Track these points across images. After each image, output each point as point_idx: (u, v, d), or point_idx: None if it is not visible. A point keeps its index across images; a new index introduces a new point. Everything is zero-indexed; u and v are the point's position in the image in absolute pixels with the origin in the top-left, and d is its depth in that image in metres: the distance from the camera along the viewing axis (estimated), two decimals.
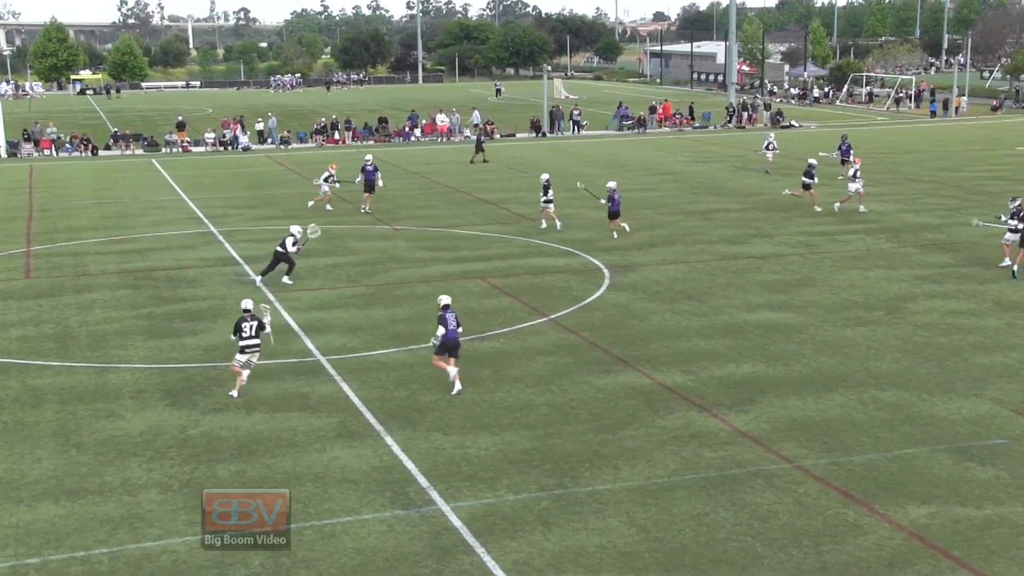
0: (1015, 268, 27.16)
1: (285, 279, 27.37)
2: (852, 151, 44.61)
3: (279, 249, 27.31)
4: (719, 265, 29.16)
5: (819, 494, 14.77)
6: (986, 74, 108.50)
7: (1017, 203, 27.85)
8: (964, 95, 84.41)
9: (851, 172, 36.54)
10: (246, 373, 19.13)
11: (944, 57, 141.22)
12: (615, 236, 32.51)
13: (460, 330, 19.25)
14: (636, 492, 14.93)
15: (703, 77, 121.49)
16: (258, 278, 27.57)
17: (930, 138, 64.05)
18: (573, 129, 70.59)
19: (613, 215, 32.69)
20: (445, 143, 65.84)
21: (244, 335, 19.02)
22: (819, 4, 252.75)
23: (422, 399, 18.79)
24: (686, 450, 16.36)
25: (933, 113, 79.16)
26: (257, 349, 19.20)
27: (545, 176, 35.10)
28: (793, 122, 73.09)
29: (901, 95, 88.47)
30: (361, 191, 38.50)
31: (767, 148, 47.51)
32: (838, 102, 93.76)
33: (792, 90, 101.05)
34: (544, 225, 34.32)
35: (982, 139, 62.59)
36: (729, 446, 16.52)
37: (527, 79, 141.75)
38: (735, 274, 28.05)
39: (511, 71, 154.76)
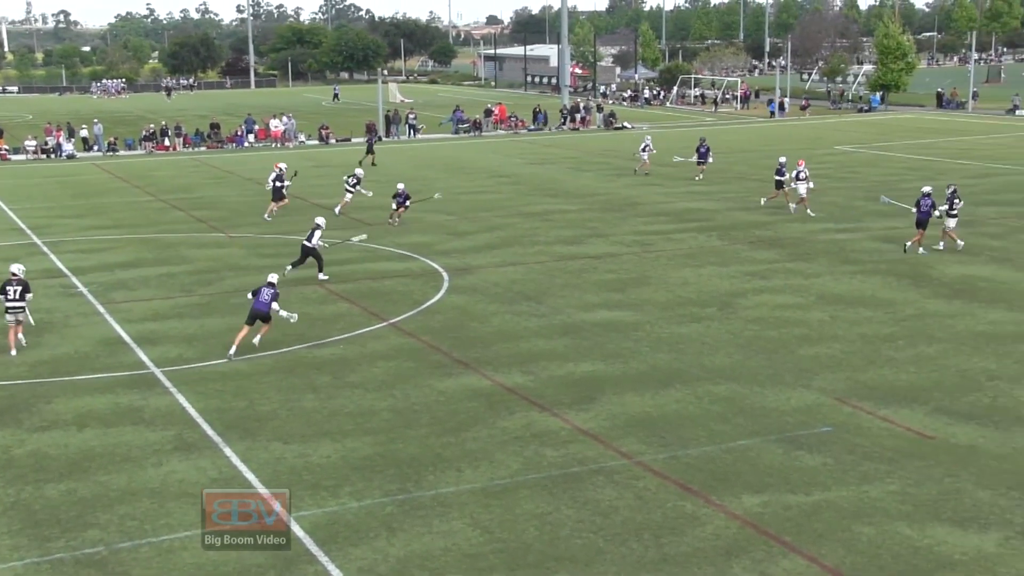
0: (908, 244, 30.01)
1: (321, 276, 27.72)
2: (711, 153, 45.82)
3: (305, 243, 27.67)
4: (557, 266, 29.53)
5: (658, 488, 15.10)
6: (805, 76, 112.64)
7: (952, 190, 30.53)
8: (787, 96, 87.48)
9: (795, 173, 36.83)
10: (19, 330, 21.71)
11: (767, 60, 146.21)
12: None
13: (275, 306, 21.33)
14: (479, 493, 15.00)
15: (537, 80, 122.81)
16: (287, 268, 27.68)
17: (757, 138, 66.13)
18: (409, 133, 70.51)
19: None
20: (280, 148, 64.91)
21: (8, 297, 21.47)
22: (648, 8, 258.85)
23: (261, 408, 18.48)
24: (528, 450, 16.51)
25: (772, 113, 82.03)
26: (22, 310, 21.62)
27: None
28: (626, 123, 74.58)
29: (729, 96, 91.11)
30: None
31: (643, 151, 48.15)
32: (668, 104, 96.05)
33: (624, 92, 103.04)
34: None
35: (805, 138, 64.92)
36: (570, 444, 16.73)
37: (362, 83, 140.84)
38: (573, 274, 28.44)
39: (345, 75, 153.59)
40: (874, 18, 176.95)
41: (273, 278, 21.94)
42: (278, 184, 37.41)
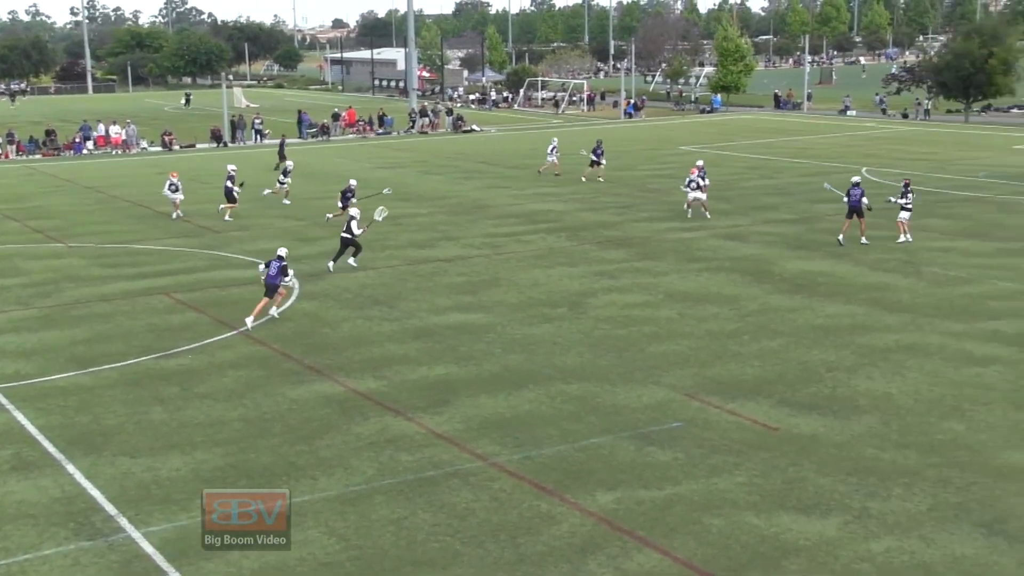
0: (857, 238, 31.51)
1: (351, 261, 29.05)
2: (604, 155, 46.14)
3: (345, 235, 28.79)
4: (408, 269, 29.46)
5: (513, 488, 15.20)
6: (649, 78, 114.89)
7: (905, 183, 32.23)
8: (631, 98, 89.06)
9: (688, 180, 36.71)
10: None
11: (611, 62, 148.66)
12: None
13: (286, 279, 23.96)
14: (335, 501, 14.86)
15: (385, 83, 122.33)
16: (330, 264, 29.05)
17: (606, 138, 67.02)
18: (256, 138, 69.38)
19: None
20: (122, 155, 63.12)
21: None
22: (494, 11, 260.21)
23: (106, 423, 17.95)
24: (383, 455, 16.43)
25: (630, 115, 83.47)
26: None
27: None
28: (474, 126, 74.84)
29: (576, 98, 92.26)
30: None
31: (551, 152, 48.19)
32: (516, 106, 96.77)
33: (472, 95, 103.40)
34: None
35: (651, 139, 66.21)
36: (425, 448, 16.72)
37: (206, 88, 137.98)
38: (424, 278, 28.42)
39: (188, 80, 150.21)
40: (713, 21, 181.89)
41: (282, 252, 24.38)
42: (229, 185, 37.77)
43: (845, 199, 31.62)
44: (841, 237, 31.54)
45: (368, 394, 19.29)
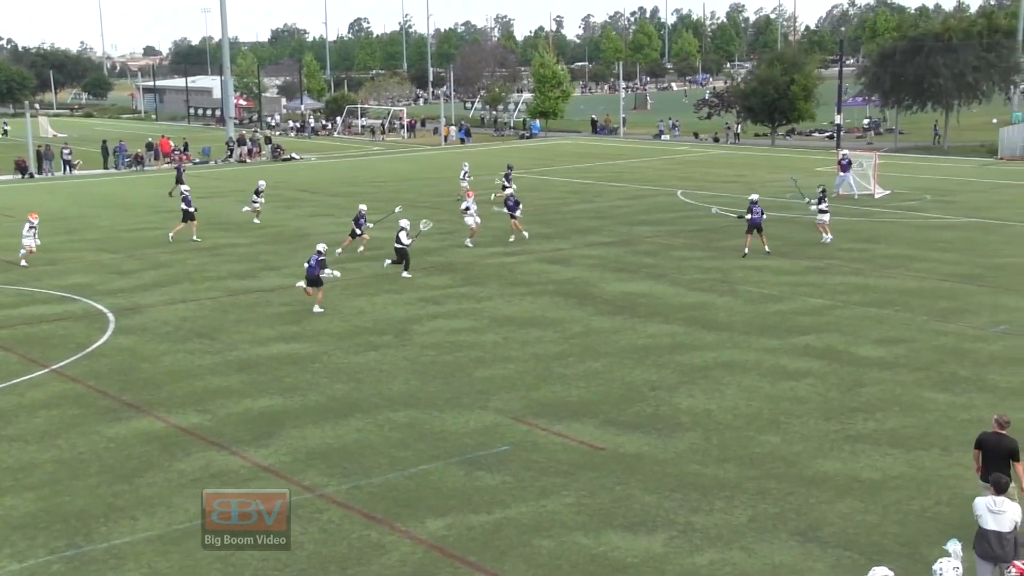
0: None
1: (405, 274, 30.77)
2: (511, 180, 46.72)
3: (397, 245, 30.88)
4: (230, 301, 28.86)
5: (342, 519, 15.01)
6: (469, 104, 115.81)
7: (821, 190, 37.16)
8: (452, 125, 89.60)
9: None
10: None
11: (431, 89, 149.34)
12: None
13: (326, 271, 27.09)
14: (157, 541, 14.38)
15: (200, 112, 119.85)
16: (400, 270, 30.93)
17: (426, 166, 67.34)
18: (65, 169, 66.94)
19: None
20: None
21: None
22: (311, 38, 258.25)
23: None
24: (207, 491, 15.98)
25: (462, 140, 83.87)
26: None
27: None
28: (294, 155, 74.00)
29: (396, 125, 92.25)
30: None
31: (463, 178, 48.22)
32: (336, 134, 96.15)
33: (290, 123, 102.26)
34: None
35: (473, 165, 66.46)
36: (251, 482, 16.35)
37: (8, 117, 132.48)
38: (246, 308, 27.89)
39: None
40: (530, 48, 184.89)
41: (321, 247, 27.66)
42: (184, 208, 38.26)
43: (748, 216, 33.45)
44: (747, 250, 33.44)
45: (190, 429, 18.78)
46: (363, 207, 36.14)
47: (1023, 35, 74.26)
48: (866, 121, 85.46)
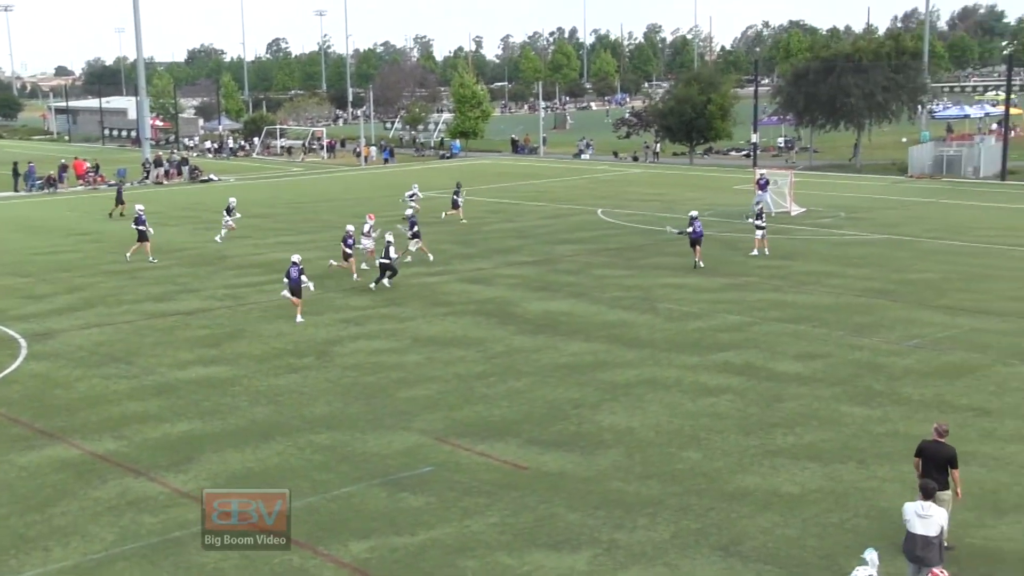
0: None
1: (386, 283, 31.95)
2: (461, 196, 47.83)
3: (383, 260, 32.02)
4: (147, 324, 28.41)
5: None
6: (389, 125, 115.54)
7: (759, 206, 39.70)
8: (372, 145, 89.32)
9: (365, 228, 36.23)
10: None
11: (351, 109, 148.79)
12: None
13: (303, 279, 28.11)
14: (71, 572, 14.07)
15: (116, 133, 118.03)
16: (372, 286, 31.99)
17: (346, 186, 67.00)
18: None
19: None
20: None
21: None
22: (228, 59, 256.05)
23: None
24: (124, 519, 15.70)
25: (386, 160, 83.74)
26: None
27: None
28: (212, 176, 73.18)
29: (315, 146, 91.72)
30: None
31: (411, 198, 47.95)
32: (255, 154, 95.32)
33: (208, 144, 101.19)
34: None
35: (391, 185, 66.18)
36: (170, 508, 16.09)
37: None
38: (164, 332, 27.48)
39: None
40: (450, 68, 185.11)
41: (296, 258, 28.76)
42: (137, 227, 38.48)
43: (690, 230, 34.76)
44: (697, 260, 34.83)
45: (106, 456, 18.42)
46: (350, 227, 34.90)
47: (928, 57, 76.13)
48: (781, 140, 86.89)
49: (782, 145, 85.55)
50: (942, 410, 20.01)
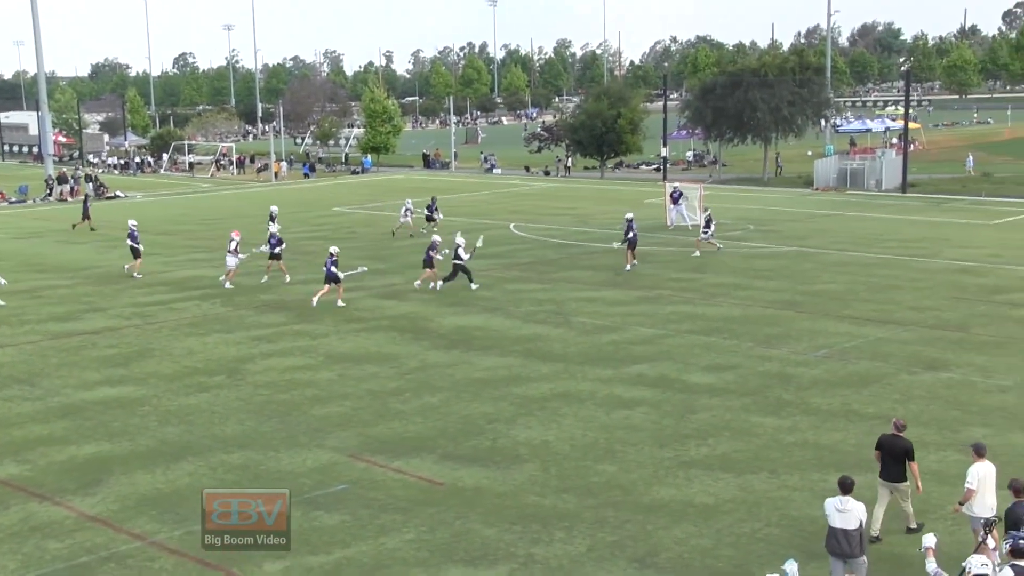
0: (634, 264, 37.40)
1: (440, 285, 33.54)
2: (438, 210, 48.93)
3: (456, 261, 33.24)
4: (50, 344, 27.78)
5: (176, 567, 14.55)
6: (299, 140, 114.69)
7: (708, 212, 42.30)
8: (283, 160, 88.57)
9: (231, 245, 35.65)
10: None
11: (260, 124, 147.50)
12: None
13: (334, 270, 30.76)
14: None
15: (16, 149, 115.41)
16: (439, 284, 33.56)
17: (257, 202, 66.21)
18: None
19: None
20: None
21: None
22: (134, 73, 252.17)
23: None
24: (27, 546, 15.30)
25: (306, 175, 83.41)
26: None
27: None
28: (118, 192, 71.94)
29: (224, 162, 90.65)
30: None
31: (404, 214, 47.93)
32: (162, 171, 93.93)
33: (113, 160, 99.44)
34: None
35: (303, 201, 65.93)
36: (77, 533, 15.72)
37: None
38: (69, 352, 26.89)
39: None
40: (360, 83, 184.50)
41: (333, 249, 31.54)
42: (132, 244, 38.04)
43: (631, 236, 36.96)
44: (635, 263, 37.16)
45: (8, 480, 17.94)
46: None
47: (831, 72, 77.78)
48: (690, 154, 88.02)
49: (691, 159, 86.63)
50: (849, 419, 20.41)
